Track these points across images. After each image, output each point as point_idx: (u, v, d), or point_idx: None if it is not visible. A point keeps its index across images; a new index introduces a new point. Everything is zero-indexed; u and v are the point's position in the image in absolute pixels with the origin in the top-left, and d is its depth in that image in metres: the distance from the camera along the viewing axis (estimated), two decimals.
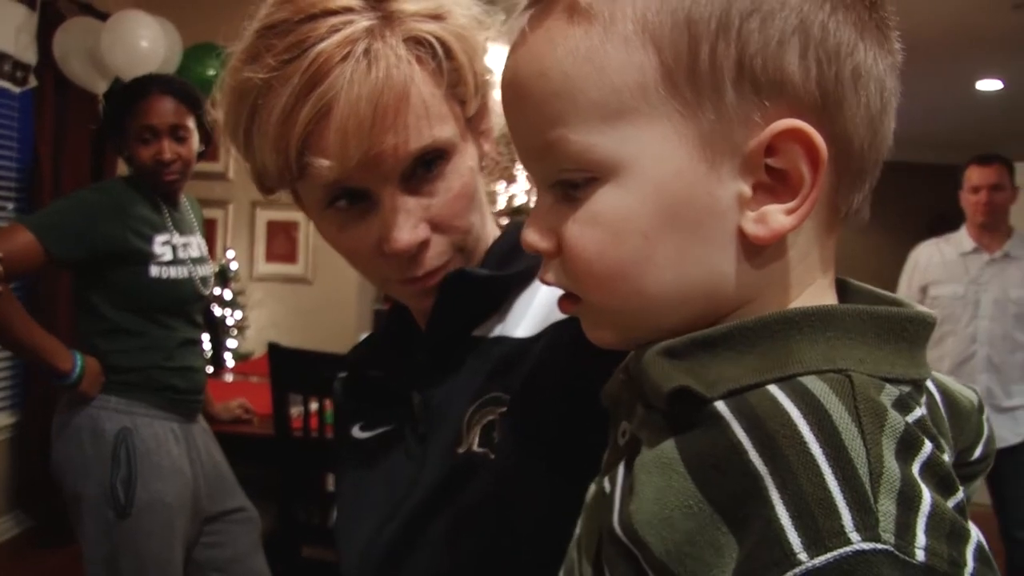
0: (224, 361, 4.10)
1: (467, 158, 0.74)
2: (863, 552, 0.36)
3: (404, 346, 0.84)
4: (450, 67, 0.70)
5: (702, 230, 0.46)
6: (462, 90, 0.72)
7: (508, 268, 0.77)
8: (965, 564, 0.37)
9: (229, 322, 4.23)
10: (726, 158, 0.45)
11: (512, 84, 0.50)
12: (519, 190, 4.61)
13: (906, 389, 0.45)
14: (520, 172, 4.34)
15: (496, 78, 0.75)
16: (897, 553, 0.36)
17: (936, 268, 3.35)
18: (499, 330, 0.77)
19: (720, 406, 0.43)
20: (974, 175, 3.24)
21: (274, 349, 2.54)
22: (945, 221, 3.80)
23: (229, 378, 3.83)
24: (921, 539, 0.37)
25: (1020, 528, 3.19)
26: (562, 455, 0.67)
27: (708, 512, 0.41)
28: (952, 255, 3.33)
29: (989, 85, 5.62)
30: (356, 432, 0.85)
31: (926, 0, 4.10)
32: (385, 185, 0.69)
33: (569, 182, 0.48)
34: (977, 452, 0.57)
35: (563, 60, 0.47)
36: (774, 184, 0.46)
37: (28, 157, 3.77)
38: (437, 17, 0.70)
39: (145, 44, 3.47)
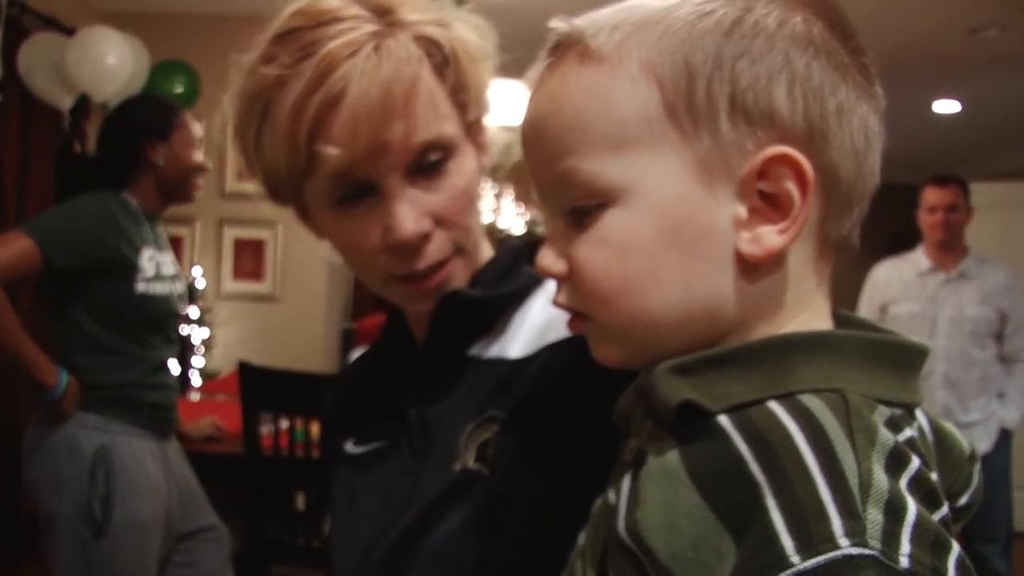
0: (191, 380, 4.07)
1: (470, 159, 0.77)
2: (851, 556, 0.39)
3: (400, 362, 0.85)
4: (453, 71, 0.74)
5: (702, 249, 0.50)
6: (463, 96, 0.75)
7: (501, 288, 0.79)
8: (946, 573, 0.40)
9: (196, 340, 4.20)
10: (723, 182, 0.50)
11: (530, 121, 0.56)
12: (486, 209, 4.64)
13: (898, 411, 0.48)
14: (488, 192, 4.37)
15: (493, 96, 0.79)
16: (883, 559, 0.39)
17: (894, 287, 3.42)
18: (494, 350, 0.79)
19: (723, 420, 0.47)
20: (930, 195, 3.32)
21: (244, 367, 2.54)
22: (904, 240, 3.87)
23: (196, 397, 3.80)
24: (906, 547, 0.40)
25: (980, 542, 3.25)
26: (555, 472, 0.69)
27: (711, 519, 0.44)
28: (910, 274, 3.40)
29: (947, 107, 5.74)
30: (349, 447, 0.86)
31: (884, 24, 4.20)
32: (391, 176, 0.72)
33: (580, 209, 0.52)
34: (964, 499, 0.60)
35: (576, 97, 0.52)
36: (767, 208, 0.50)
37: None
38: (441, 25, 0.74)
39: (112, 60, 3.45)
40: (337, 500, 0.85)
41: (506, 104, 0.88)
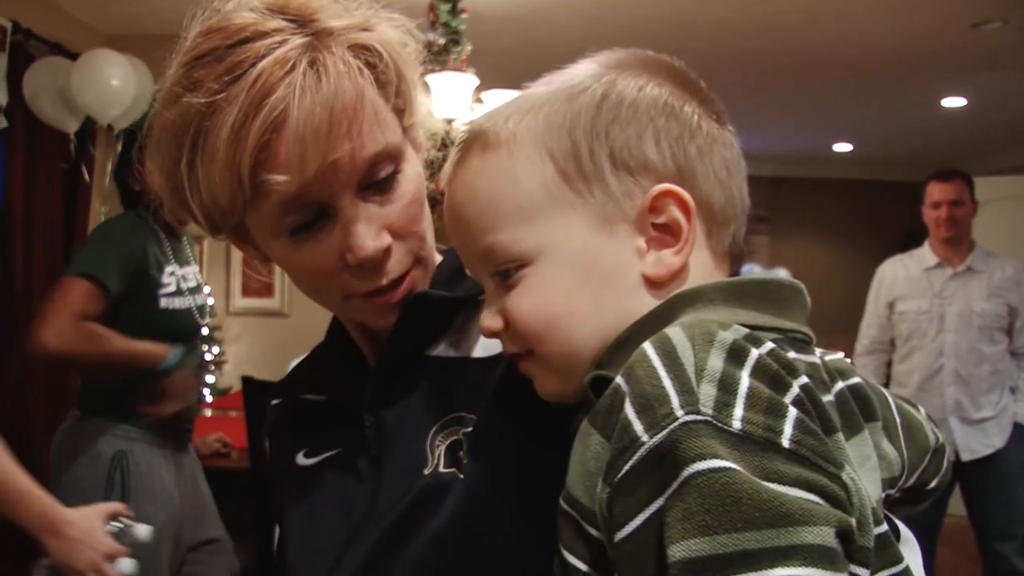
0: (202, 396, 4.09)
1: (414, 165, 0.75)
2: (686, 423, 0.46)
3: (350, 367, 0.83)
4: (390, 76, 0.72)
5: (612, 282, 0.60)
6: (400, 100, 0.74)
7: (456, 289, 0.78)
8: (782, 432, 0.46)
9: (207, 357, 4.22)
10: (620, 224, 0.60)
11: (451, 209, 0.65)
12: None
13: (770, 335, 0.54)
14: None
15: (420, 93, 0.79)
16: (715, 423, 0.46)
17: (901, 283, 3.40)
18: (456, 350, 0.78)
19: (617, 377, 0.53)
20: (935, 191, 3.30)
21: (247, 382, 2.55)
22: (914, 238, 3.86)
23: (208, 413, 3.82)
24: (738, 412, 0.46)
25: (997, 540, 3.21)
26: (532, 470, 0.68)
27: (608, 447, 0.50)
28: (916, 270, 3.38)
29: (954, 102, 5.71)
30: (300, 459, 0.83)
31: (887, 22, 4.19)
32: (344, 195, 0.70)
33: (505, 272, 0.62)
34: (934, 483, 0.69)
35: (485, 181, 0.62)
36: (662, 236, 0.60)
37: None
38: (366, 29, 0.72)
39: (116, 83, 3.48)
40: (292, 515, 0.82)
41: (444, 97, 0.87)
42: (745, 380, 0.48)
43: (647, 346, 0.51)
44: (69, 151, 3.83)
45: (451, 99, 2.96)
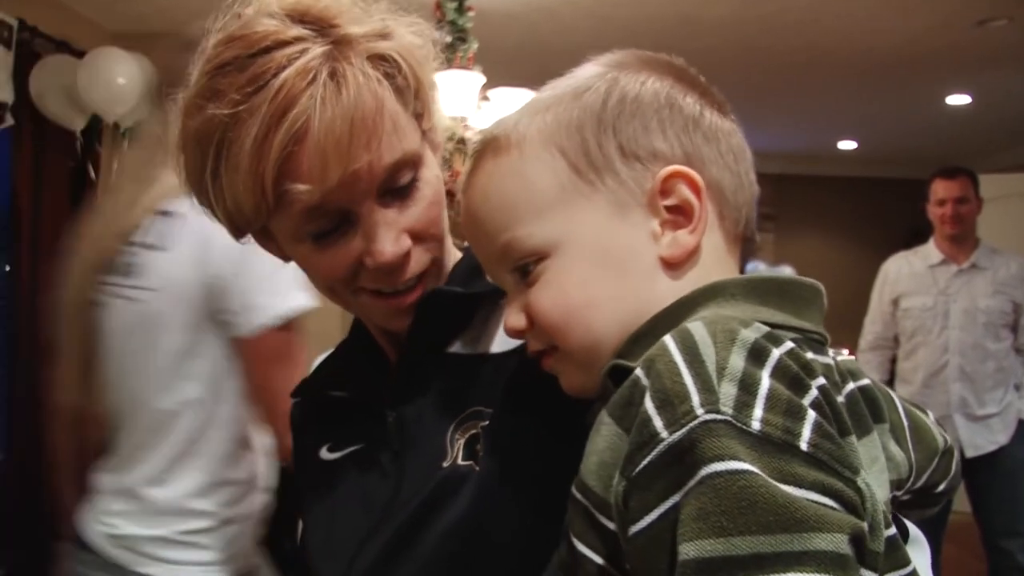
0: None
1: (433, 167, 0.77)
2: (706, 422, 0.46)
3: (372, 364, 0.85)
4: (408, 84, 0.73)
5: (629, 267, 0.61)
6: (419, 105, 0.75)
7: (473, 286, 0.79)
8: (800, 434, 0.47)
9: None
10: (634, 210, 0.61)
11: (467, 212, 0.67)
12: None
13: (789, 334, 0.54)
14: None
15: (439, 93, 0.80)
16: (735, 423, 0.46)
17: (905, 280, 3.41)
18: (474, 347, 0.79)
19: (636, 368, 0.54)
20: (939, 188, 3.31)
21: None
22: (918, 235, 3.86)
23: None
24: (758, 413, 0.47)
25: (1002, 536, 3.21)
26: (547, 462, 0.68)
27: (624, 438, 0.51)
28: (921, 267, 3.39)
29: (959, 100, 5.70)
30: (324, 454, 0.85)
31: (891, 21, 4.19)
32: (364, 201, 0.71)
33: (524, 267, 0.63)
34: (943, 487, 0.70)
35: (498, 182, 0.64)
36: (675, 218, 0.61)
37: (5, 195, 3.77)
38: (385, 36, 0.73)
39: (122, 80, 3.49)
40: (315, 508, 0.84)
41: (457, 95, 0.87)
42: (765, 381, 0.48)
43: (668, 340, 0.51)
44: (75, 149, 3.85)
45: (458, 97, 2.97)
